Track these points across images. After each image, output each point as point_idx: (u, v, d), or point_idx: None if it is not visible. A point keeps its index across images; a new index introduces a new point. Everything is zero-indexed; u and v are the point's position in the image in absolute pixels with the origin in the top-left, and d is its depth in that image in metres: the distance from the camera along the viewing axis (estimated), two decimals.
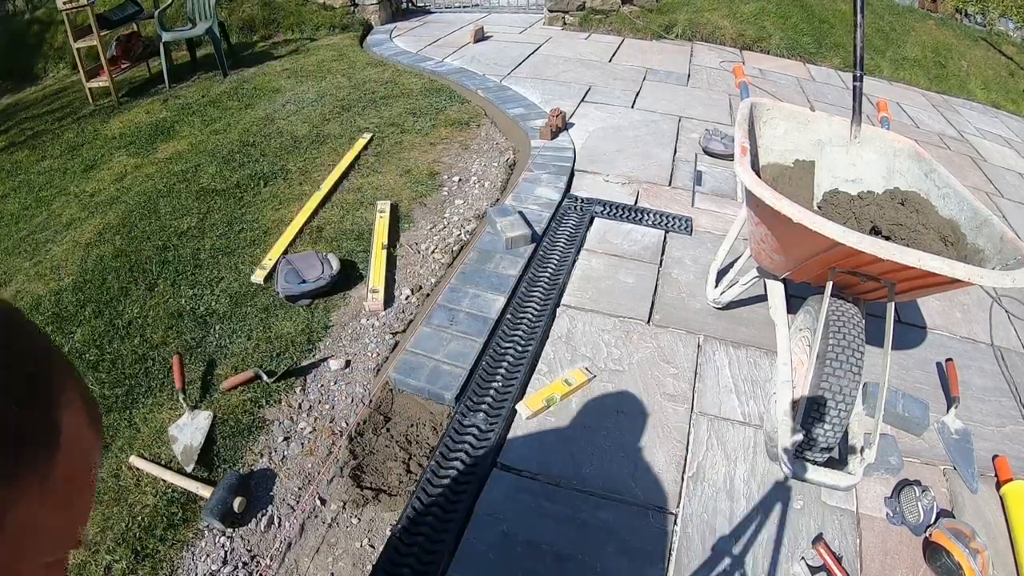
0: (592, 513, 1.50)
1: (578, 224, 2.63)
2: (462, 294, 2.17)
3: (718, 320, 2.15)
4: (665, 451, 1.67)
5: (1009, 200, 3.46)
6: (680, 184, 3.03)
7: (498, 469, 1.60)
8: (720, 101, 4.13)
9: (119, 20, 4.64)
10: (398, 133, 3.44)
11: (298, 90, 4.18)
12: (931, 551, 1.43)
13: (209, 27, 4.56)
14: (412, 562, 1.36)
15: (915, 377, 2.01)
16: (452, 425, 1.69)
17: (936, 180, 1.65)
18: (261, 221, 2.62)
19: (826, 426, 1.45)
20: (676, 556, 1.42)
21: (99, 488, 1.50)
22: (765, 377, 1.92)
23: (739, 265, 2.07)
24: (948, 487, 1.65)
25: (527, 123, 3.55)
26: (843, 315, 1.50)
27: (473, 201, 2.80)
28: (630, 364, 1.94)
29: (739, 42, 5.43)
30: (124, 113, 4.20)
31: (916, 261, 1.20)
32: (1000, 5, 6.51)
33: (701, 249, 2.52)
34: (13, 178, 3.41)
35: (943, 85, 5.46)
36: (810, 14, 5.78)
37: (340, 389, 1.81)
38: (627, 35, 5.52)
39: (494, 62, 4.69)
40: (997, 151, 4.23)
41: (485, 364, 1.89)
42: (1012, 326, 2.36)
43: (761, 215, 1.56)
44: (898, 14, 6.31)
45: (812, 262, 1.46)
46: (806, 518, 1.52)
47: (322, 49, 5.20)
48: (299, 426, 1.68)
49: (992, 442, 1.80)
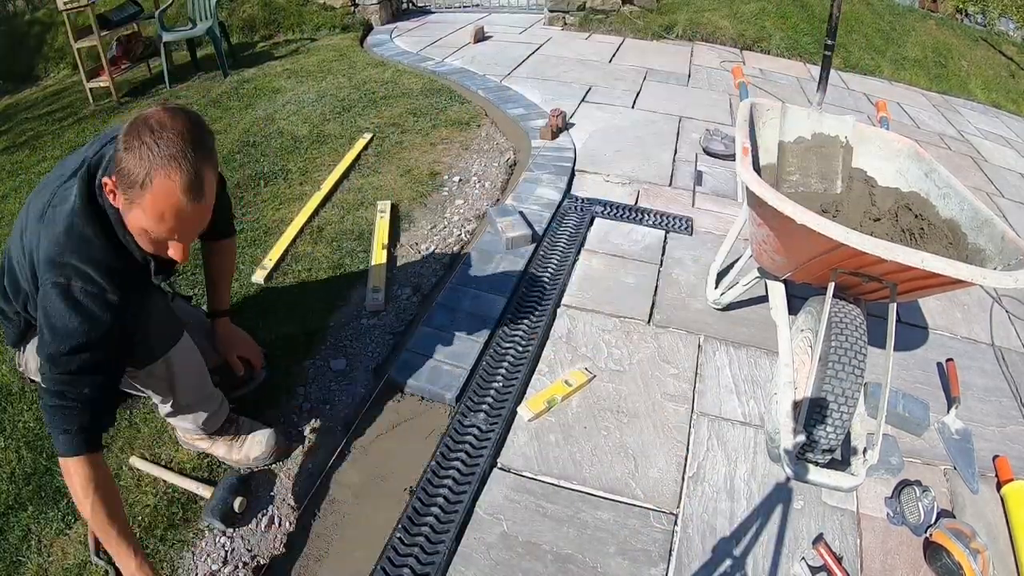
0: (592, 513, 1.50)
1: (578, 224, 2.63)
2: (462, 294, 2.17)
3: (719, 320, 2.15)
4: (665, 451, 1.67)
5: (1010, 200, 3.46)
6: (681, 184, 3.03)
7: (498, 469, 1.60)
8: (720, 101, 4.13)
9: (119, 20, 4.64)
10: (398, 133, 3.44)
11: (298, 90, 4.18)
12: (931, 551, 1.43)
13: (209, 27, 4.56)
14: (412, 562, 1.36)
15: (915, 377, 2.01)
16: (452, 425, 1.69)
17: (936, 180, 1.65)
18: (261, 221, 2.62)
19: (828, 428, 1.44)
20: (676, 556, 1.41)
21: None
22: (766, 377, 1.92)
23: (739, 266, 2.07)
24: (948, 487, 1.65)
25: (527, 123, 3.55)
26: (845, 316, 1.50)
27: (473, 201, 2.80)
28: (631, 364, 1.94)
29: (739, 42, 5.43)
30: (125, 113, 4.20)
31: (919, 262, 1.20)
32: (1000, 5, 6.51)
33: (702, 249, 2.52)
34: (14, 178, 3.41)
35: (944, 85, 5.46)
36: (810, 14, 5.78)
37: (340, 389, 1.81)
38: (627, 35, 5.52)
39: (494, 62, 4.69)
40: (998, 151, 4.23)
41: (485, 364, 1.89)
42: (1012, 326, 2.35)
43: (763, 216, 1.56)
44: (898, 14, 6.31)
45: (814, 263, 1.46)
46: (806, 518, 1.52)
47: (322, 49, 5.20)
48: (299, 427, 1.68)
49: (992, 442, 1.79)
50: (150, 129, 0.99)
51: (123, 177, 1.02)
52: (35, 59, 5.76)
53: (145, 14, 4.86)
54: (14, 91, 5.37)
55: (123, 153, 1.00)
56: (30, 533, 1.42)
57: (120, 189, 1.04)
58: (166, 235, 1.07)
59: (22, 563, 1.36)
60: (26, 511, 1.46)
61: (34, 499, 1.49)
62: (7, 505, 1.48)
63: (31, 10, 6.16)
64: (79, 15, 4.43)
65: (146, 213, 1.03)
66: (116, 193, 1.05)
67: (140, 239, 1.11)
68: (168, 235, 1.07)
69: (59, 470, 1.54)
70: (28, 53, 5.81)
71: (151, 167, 0.99)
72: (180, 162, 1.00)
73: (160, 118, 1.01)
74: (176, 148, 0.99)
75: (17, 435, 1.66)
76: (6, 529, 1.43)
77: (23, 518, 1.45)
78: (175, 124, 1.01)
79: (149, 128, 0.99)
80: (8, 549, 1.39)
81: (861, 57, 5.51)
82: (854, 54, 5.51)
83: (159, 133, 0.99)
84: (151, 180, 0.99)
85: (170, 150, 0.99)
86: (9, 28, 6.06)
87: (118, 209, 1.09)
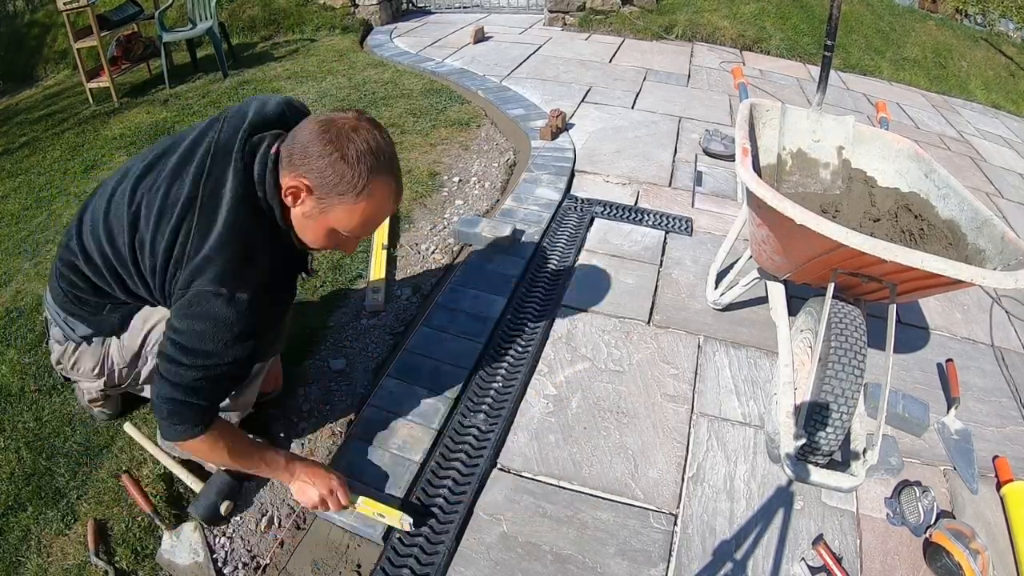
0: (592, 514, 1.50)
1: (578, 225, 2.63)
2: (462, 294, 2.17)
3: (718, 321, 2.15)
4: (665, 452, 1.67)
5: (1009, 200, 3.46)
6: (680, 185, 3.03)
7: (498, 470, 1.60)
8: (720, 102, 4.13)
9: (119, 21, 4.64)
10: (398, 133, 3.44)
11: (298, 90, 4.18)
12: (931, 551, 1.43)
13: (209, 28, 4.56)
14: (412, 562, 1.36)
15: (915, 378, 2.01)
16: (452, 425, 1.69)
17: (936, 180, 1.65)
18: None
19: (828, 429, 1.44)
20: (676, 557, 1.41)
21: (99, 489, 1.51)
22: (765, 378, 1.92)
23: (739, 266, 2.07)
24: (948, 488, 1.65)
25: (527, 124, 3.55)
26: (845, 317, 1.50)
27: (473, 202, 2.80)
28: (630, 364, 1.94)
29: (739, 43, 5.43)
30: (124, 113, 4.20)
31: (919, 262, 1.20)
32: (1000, 6, 6.51)
33: (701, 250, 2.52)
34: (13, 178, 3.41)
35: (943, 86, 5.46)
36: (810, 14, 5.78)
37: (340, 389, 1.81)
38: (627, 36, 5.52)
39: (494, 63, 4.69)
40: (997, 152, 4.23)
41: (485, 365, 1.89)
42: (1012, 326, 2.36)
43: (763, 216, 1.56)
44: (898, 15, 6.31)
45: (814, 263, 1.46)
46: (806, 519, 1.52)
47: (322, 50, 5.20)
48: (299, 427, 1.68)
49: (992, 443, 1.80)
50: (364, 139, 1.03)
51: (325, 182, 1.03)
52: (35, 60, 5.76)
53: (145, 14, 4.86)
54: (14, 92, 5.37)
55: (326, 159, 1.02)
56: (30, 533, 1.42)
57: (317, 193, 1.05)
58: (362, 235, 1.14)
59: (22, 563, 1.36)
60: (26, 511, 1.46)
61: (34, 499, 1.49)
62: (7, 505, 1.48)
63: (31, 11, 6.17)
64: (79, 15, 4.43)
65: (353, 217, 1.08)
66: (302, 195, 1.07)
67: (316, 236, 1.13)
68: (365, 235, 1.15)
69: (59, 471, 1.55)
70: (28, 54, 5.81)
71: (371, 177, 1.04)
72: (394, 172, 1.09)
73: (362, 127, 1.04)
74: (389, 159, 1.07)
75: (17, 435, 1.66)
76: (6, 529, 1.43)
77: (23, 518, 1.45)
78: (383, 136, 1.07)
79: (363, 138, 1.03)
80: (8, 549, 1.39)
81: (861, 57, 5.51)
82: (854, 54, 5.51)
83: (368, 143, 1.03)
84: (370, 189, 1.04)
85: (386, 162, 1.06)
86: (9, 29, 6.06)
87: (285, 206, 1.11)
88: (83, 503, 1.47)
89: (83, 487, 1.51)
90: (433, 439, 1.64)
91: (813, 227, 1.28)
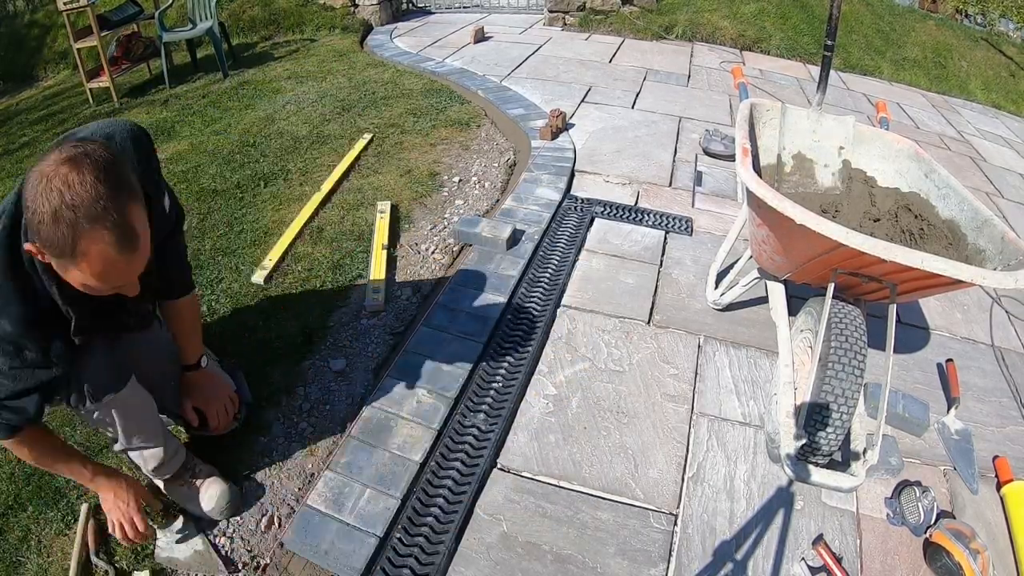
0: (592, 514, 1.50)
1: (578, 225, 2.63)
2: (462, 294, 2.17)
3: (718, 321, 2.15)
4: (665, 452, 1.67)
5: (1009, 200, 3.46)
6: (680, 185, 3.03)
7: (498, 470, 1.60)
8: (720, 102, 4.13)
9: (119, 21, 4.65)
10: (398, 134, 3.44)
11: (298, 91, 4.18)
12: (931, 551, 1.43)
13: (210, 28, 4.56)
14: (412, 563, 1.36)
15: (915, 378, 2.01)
16: (452, 425, 1.69)
17: (936, 180, 1.65)
18: (262, 221, 2.62)
19: (828, 429, 1.45)
20: (676, 557, 1.42)
21: None
22: (765, 378, 1.92)
23: (739, 266, 2.07)
24: (948, 488, 1.65)
25: (527, 123, 3.55)
26: (845, 317, 1.50)
27: (474, 202, 2.80)
28: (630, 364, 1.94)
29: (739, 43, 5.43)
30: (124, 113, 4.20)
31: (919, 262, 1.20)
32: (1000, 5, 6.51)
33: (701, 250, 2.52)
34: (13, 179, 3.41)
35: (943, 86, 5.46)
36: (810, 14, 5.78)
37: (340, 389, 1.81)
38: (627, 36, 5.52)
39: (494, 62, 4.69)
40: (997, 152, 4.23)
41: (485, 365, 1.89)
42: (1012, 326, 2.36)
43: (763, 216, 1.56)
44: (898, 15, 6.31)
45: (814, 263, 1.46)
46: (806, 519, 1.52)
47: (322, 50, 5.20)
48: (299, 427, 1.68)
49: (992, 443, 1.80)
50: (58, 192, 0.88)
51: (48, 246, 0.92)
52: (35, 60, 5.76)
53: (145, 14, 4.86)
54: (14, 92, 5.37)
55: (38, 224, 0.90)
56: (30, 533, 1.42)
57: (49, 256, 0.95)
58: (112, 289, 1.02)
59: (22, 563, 1.36)
60: (26, 511, 1.46)
61: (34, 499, 1.49)
62: (7, 505, 1.48)
63: (31, 11, 6.17)
64: (79, 15, 4.43)
65: (87, 277, 0.96)
66: (45, 255, 0.96)
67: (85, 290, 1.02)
68: (113, 289, 1.02)
69: None
70: (28, 54, 5.81)
71: (75, 235, 0.89)
72: (104, 221, 0.90)
73: (64, 176, 0.88)
74: (95, 207, 0.89)
75: None
76: (6, 529, 1.43)
77: (23, 518, 1.45)
78: (83, 178, 0.89)
79: (56, 191, 0.88)
80: (8, 549, 1.39)
81: (861, 57, 5.51)
82: (854, 54, 5.51)
83: (63, 196, 0.88)
84: (80, 248, 0.91)
85: (89, 211, 0.89)
86: (9, 29, 6.06)
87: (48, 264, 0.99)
88: (83, 503, 1.47)
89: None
90: (433, 439, 1.64)
91: (813, 227, 1.28)
